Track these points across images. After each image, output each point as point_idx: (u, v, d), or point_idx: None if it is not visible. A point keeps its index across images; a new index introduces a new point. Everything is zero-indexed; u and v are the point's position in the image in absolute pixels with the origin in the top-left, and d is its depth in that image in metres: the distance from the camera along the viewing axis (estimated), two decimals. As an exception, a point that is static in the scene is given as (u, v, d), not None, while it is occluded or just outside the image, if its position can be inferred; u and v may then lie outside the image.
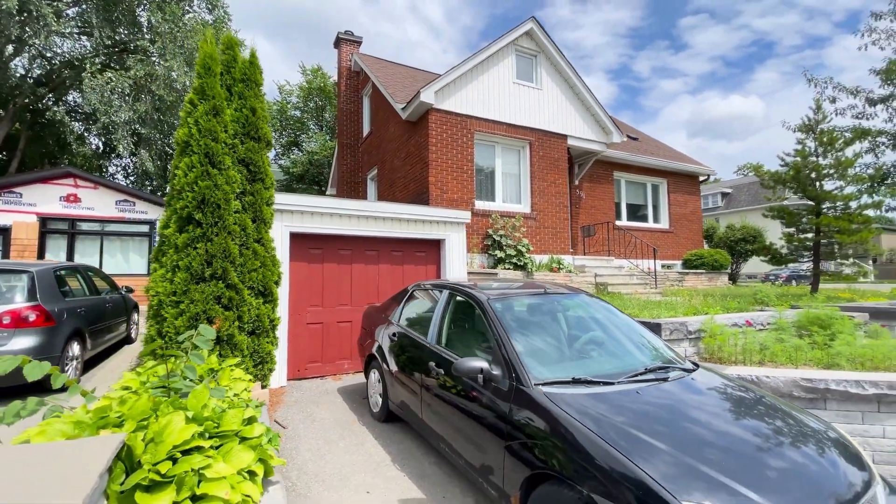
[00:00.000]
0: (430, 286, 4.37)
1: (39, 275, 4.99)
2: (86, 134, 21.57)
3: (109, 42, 19.18)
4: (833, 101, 12.03)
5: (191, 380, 2.92)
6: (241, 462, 2.38)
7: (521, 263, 8.33)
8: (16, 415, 2.61)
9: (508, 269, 8.23)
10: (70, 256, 11.87)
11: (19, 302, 4.69)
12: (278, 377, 5.58)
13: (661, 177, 13.97)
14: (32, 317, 4.64)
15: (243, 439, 2.54)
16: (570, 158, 11.26)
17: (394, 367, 4.12)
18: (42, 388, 4.93)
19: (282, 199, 5.72)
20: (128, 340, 7.50)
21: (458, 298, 3.70)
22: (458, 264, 7.26)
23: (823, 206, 8.02)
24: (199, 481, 2.14)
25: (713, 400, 2.59)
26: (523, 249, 8.45)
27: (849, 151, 8.27)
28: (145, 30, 20.75)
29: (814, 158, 7.65)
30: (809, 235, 8.22)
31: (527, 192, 9.68)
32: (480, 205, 8.96)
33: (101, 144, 22.84)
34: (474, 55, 9.17)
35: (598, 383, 2.58)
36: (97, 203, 12.38)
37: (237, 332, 4.66)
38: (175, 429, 2.31)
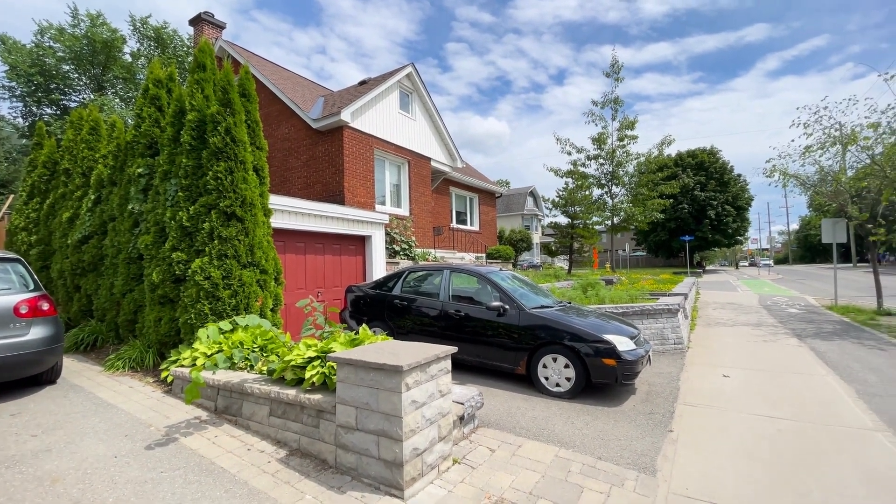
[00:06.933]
0: (426, 268, 6.66)
1: (27, 263, 4.79)
2: None
3: None
4: (570, 153, 19.12)
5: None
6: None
7: (412, 255, 10.90)
8: (214, 365, 4.00)
9: (404, 259, 10.66)
10: None
11: (24, 291, 4.55)
12: (270, 349, 6.62)
13: (475, 192, 18.70)
14: (46, 306, 4.59)
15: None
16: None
17: (405, 321, 6.25)
18: (37, 381, 4.86)
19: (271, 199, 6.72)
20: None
21: (458, 273, 6.21)
22: (379, 255, 9.33)
23: (576, 222, 13.65)
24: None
25: (585, 312, 6.04)
26: (412, 244, 11.03)
27: (585, 190, 14.22)
28: None
29: (575, 194, 13.07)
30: (568, 239, 13.76)
31: (406, 199, 12.27)
32: (378, 208, 11.03)
33: None
34: (374, 86, 11.18)
35: (548, 307, 5.69)
36: None
37: (267, 308, 5.80)
38: (375, 339, 4.22)
